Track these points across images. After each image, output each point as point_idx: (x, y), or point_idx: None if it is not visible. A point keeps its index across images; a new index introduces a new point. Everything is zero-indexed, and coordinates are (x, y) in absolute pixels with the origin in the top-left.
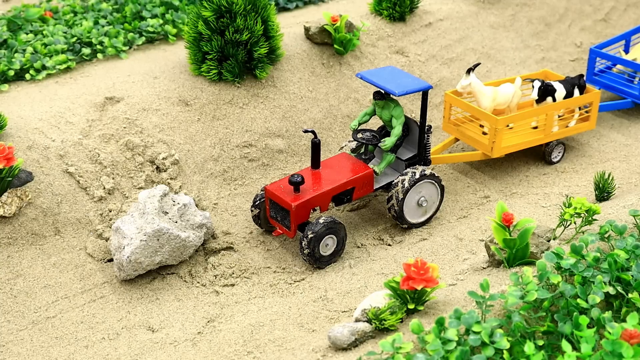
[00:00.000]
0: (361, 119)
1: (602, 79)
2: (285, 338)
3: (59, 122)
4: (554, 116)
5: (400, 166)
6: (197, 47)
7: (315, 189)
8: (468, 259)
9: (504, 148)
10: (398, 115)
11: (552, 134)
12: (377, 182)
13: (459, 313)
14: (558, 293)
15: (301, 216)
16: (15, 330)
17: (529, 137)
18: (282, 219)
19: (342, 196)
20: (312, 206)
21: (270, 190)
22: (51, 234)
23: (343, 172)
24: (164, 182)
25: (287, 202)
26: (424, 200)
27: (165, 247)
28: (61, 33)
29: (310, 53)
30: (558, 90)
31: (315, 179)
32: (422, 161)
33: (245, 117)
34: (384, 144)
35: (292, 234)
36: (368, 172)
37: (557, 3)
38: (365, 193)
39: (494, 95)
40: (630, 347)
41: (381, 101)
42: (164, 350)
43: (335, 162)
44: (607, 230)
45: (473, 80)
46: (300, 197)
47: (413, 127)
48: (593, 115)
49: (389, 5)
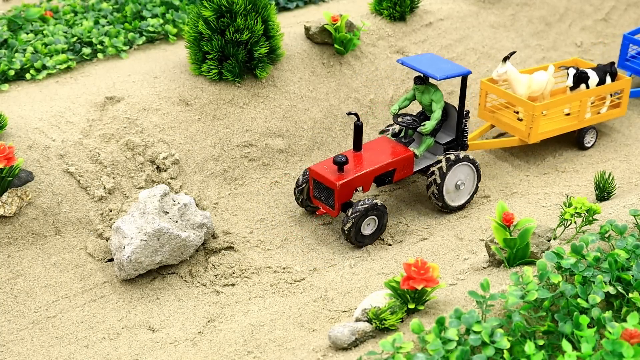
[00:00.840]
0: (401, 104)
1: (634, 65)
2: (285, 338)
3: (59, 122)
4: (587, 103)
5: (438, 150)
6: (198, 46)
7: (358, 170)
8: (468, 259)
9: (541, 134)
10: (438, 99)
11: (585, 120)
12: (416, 164)
13: (460, 313)
14: (558, 293)
15: (345, 195)
16: (16, 330)
17: (562, 124)
18: (325, 198)
19: (383, 177)
20: (355, 186)
21: (315, 170)
22: (51, 234)
23: (384, 154)
24: (165, 182)
25: (331, 182)
26: (461, 183)
27: (165, 246)
28: (61, 33)
29: (310, 53)
30: (591, 77)
31: (357, 160)
32: (459, 145)
33: (246, 117)
34: (424, 128)
35: (335, 212)
36: (408, 155)
37: (558, 3)
38: (405, 175)
39: (529, 83)
40: (631, 347)
41: (422, 86)
42: (165, 350)
43: (376, 144)
44: (607, 230)
45: (509, 68)
46: (344, 176)
47: (451, 112)
48: (624, 102)
49: (389, 5)
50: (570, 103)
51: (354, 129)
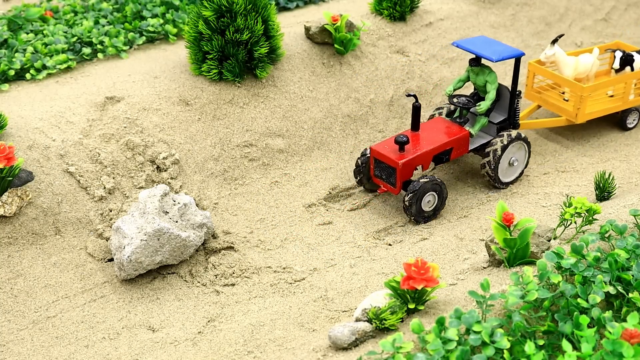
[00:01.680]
0: (455, 85)
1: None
2: (285, 338)
3: (59, 122)
4: (632, 85)
5: (491, 129)
6: (198, 46)
7: (418, 149)
8: (468, 259)
9: (587, 114)
10: (493, 80)
11: (629, 102)
12: (471, 143)
13: (460, 313)
14: (558, 293)
15: (406, 174)
16: (16, 330)
17: (607, 105)
18: (387, 176)
19: (441, 156)
20: (416, 164)
21: (376, 149)
22: (51, 234)
23: (441, 134)
24: (165, 182)
25: (393, 160)
26: (515, 160)
27: (165, 246)
28: (62, 33)
29: (310, 53)
30: (637, 60)
31: (416, 140)
32: (511, 124)
33: (246, 117)
34: (480, 108)
35: (397, 190)
36: (464, 134)
37: (558, 3)
38: (461, 153)
39: (576, 65)
40: (631, 347)
41: (477, 67)
42: (165, 349)
43: (432, 125)
44: (607, 230)
45: (557, 50)
46: (405, 155)
47: (504, 92)
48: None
49: (389, 4)
50: (615, 85)
51: (412, 109)
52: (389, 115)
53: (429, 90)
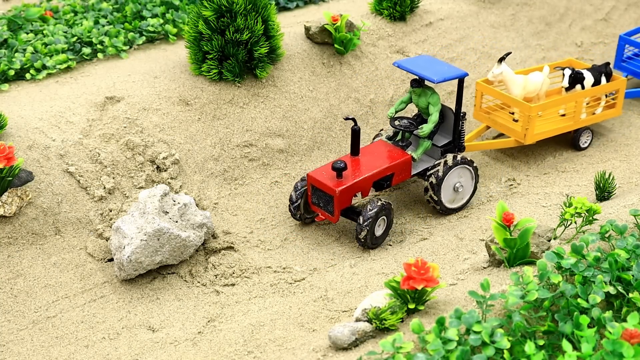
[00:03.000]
0: (397, 107)
1: (631, 66)
2: (285, 338)
3: (59, 122)
4: (583, 103)
5: (435, 153)
6: (198, 46)
7: (357, 175)
8: (468, 259)
9: (536, 135)
10: (435, 102)
11: (580, 121)
12: (414, 168)
13: (460, 313)
14: (558, 293)
15: (344, 201)
16: (16, 330)
17: (558, 124)
18: (325, 204)
19: (382, 182)
20: (355, 191)
21: (313, 176)
22: (51, 234)
23: (382, 158)
24: (165, 182)
25: (331, 188)
26: (460, 186)
27: (165, 246)
28: (61, 33)
29: (310, 53)
30: (587, 78)
31: (356, 165)
32: (456, 147)
33: (246, 117)
34: (422, 131)
35: (335, 219)
36: (406, 158)
37: (558, 3)
38: (403, 179)
39: (525, 84)
40: (631, 347)
41: (418, 89)
42: (165, 350)
43: (373, 149)
44: (607, 230)
45: (505, 69)
46: (343, 182)
47: (448, 114)
48: (619, 102)
49: (389, 4)
50: (565, 104)
51: (351, 133)
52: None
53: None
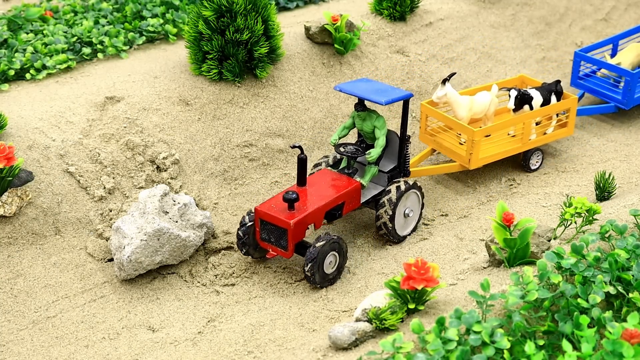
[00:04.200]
0: (340, 133)
1: (587, 83)
2: (285, 338)
3: (59, 122)
4: (532, 124)
5: (381, 179)
6: (198, 46)
7: (309, 206)
8: (468, 259)
9: (482, 159)
10: (381, 125)
11: (530, 142)
12: (363, 195)
13: (460, 313)
14: (558, 293)
15: (298, 234)
16: (16, 330)
17: (507, 147)
18: (277, 239)
19: (333, 212)
20: (308, 223)
21: (262, 210)
22: (51, 234)
23: (331, 187)
24: (165, 182)
25: (284, 221)
26: (410, 211)
27: (165, 246)
28: (61, 33)
29: (310, 53)
30: (535, 97)
31: (305, 196)
32: (402, 172)
33: (246, 117)
34: (370, 156)
35: (289, 254)
36: (356, 186)
37: (558, 3)
38: (353, 207)
39: (471, 105)
40: (631, 347)
41: (363, 112)
42: (165, 350)
43: (320, 178)
44: (607, 230)
45: (449, 90)
46: (297, 214)
47: (392, 137)
48: (571, 122)
49: (389, 4)
50: (513, 125)
51: (297, 162)
52: (389, 115)
53: (429, 90)
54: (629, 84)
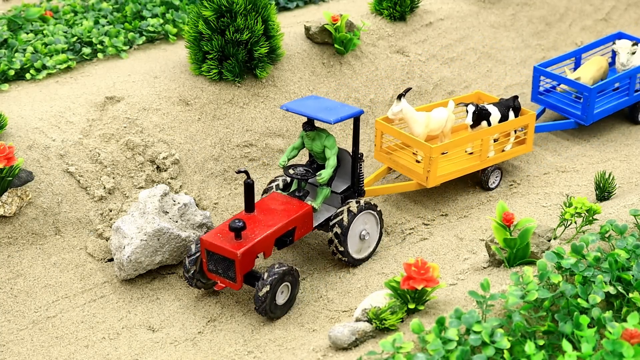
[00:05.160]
0: (289, 155)
1: (547, 98)
2: (285, 338)
3: (59, 122)
4: (490, 141)
5: (335, 200)
6: (198, 46)
7: (258, 233)
8: (468, 259)
9: (440, 177)
10: (331, 145)
11: (488, 160)
12: (315, 219)
13: (460, 313)
14: (558, 293)
15: (247, 265)
16: (16, 330)
17: (465, 164)
18: (224, 270)
19: (284, 238)
20: (257, 252)
21: (208, 240)
22: (51, 234)
23: (281, 212)
24: (165, 182)
25: (231, 251)
26: (366, 233)
27: (165, 246)
28: (61, 33)
29: (310, 53)
30: (493, 113)
31: (254, 223)
32: (356, 192)
33: (246, 117)
34: (321, 178)
35: (238, 285)
36: (307, 210)
37: (558, 2)
38: (306, 232)
39: (427, 121)
40: (631, 347)
41: (312, 132)
42: (165, 350)
43: (269, 202)
44: (607, 230)
45: (404, 106)
46: (244, 243)
47: (345, 157)
48: (529, 138)
49: (389, 4)
50: (471, 142)
51: (244, 188)
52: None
53: (429, 90)
54: (587, 100)
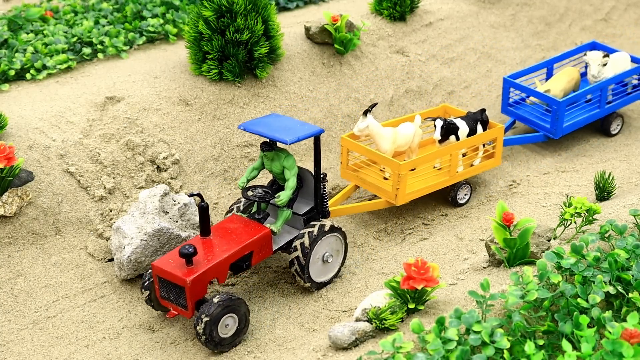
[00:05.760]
0: (249, 175)
1: (517, 110)
2: (285, 337)
3: (59, 122)
4: (459, 156)
5: (297, 222)
6: (198, 46)
7: (210, 259)
8: (468, 259)
9: (409, 194)
10: (290, 165)
11: (457, 175)
12: (275, 242)
13: (460, 312)
14: (558, 293)
15: (198, 292)
16: (16, 330)
17: (433, 180)
18: (175, 297)
19: (240, 263)
20: (209, 279)
21: (159, 266)
22: (52, 234)
23: (238, 236)
24: (165, 182)
25: (180, 278)
26: (329, 256)
27: (165, 246)
28: (62, 33)
29: (310, 53)
30: (461, 127)
31: (207, 247)
32: (320, 214)
33: (246, 117)
34: (279, 200)
35: (189, 313)
36: (265, 233)
37: (558, 3)
38: (265, 256)
39: (394, 137)
40: (631, 347)
41: (270, 152)
42: (165, 350)
43: (226, 226)
44: (607, 230)
45: (370, 122)
46: (195, 270)
47: (307, 177)
48: (498, 152)
49: (389, 4)
50: (440, 157)
51: (199, 211)
52: (389, 115)
53: (429, 90)
54: (556, 113)
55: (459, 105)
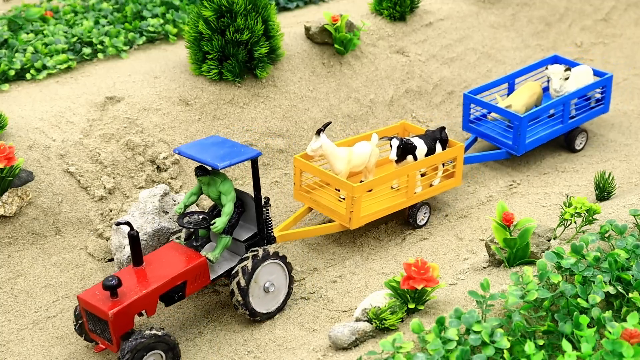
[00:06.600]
0: (187, 201)
1: (479, 127)
2: (285, 337)
3: (59, 122)
4: (417, 176)
5: (240, 248)
6: (198, 46)
7: (137, 291)
8: (468, 259)
9: (364, 217)
10: (227, 191)
11: (416, 196)
12: (213, 271)
13: (460, 312)
14: (558, 293)
15: (123, 326)
16: (16, 330)
17: (390, 202)
18: (101, 331)
19: (172, 294)
20: (136, 311)
21: (84, 298)
22: (52, 234)
23: (171, 265)
24: (165, 182)
25: (103, 311)
26: (271, 285)
27: None
28: (62, 33)
29: (310, 53)
30: (419, 146)
31: (137, 278)
32: (264, 240)
33: (246, 117)
34: (215, 227)
35: (115, 348)
36: (201, 262)
37: (558, 3)
38: (201, 286)
39: (349, 157)
40: (631, 347)
41: (205, 177)
42: None
43: (161, 254)
44: (607, 230)
45: (324, 141)
46: (119, 302)
47: (248, 201)
48: (458, 171)
49: (389, 4)
50: (397, 178)
51: (129, 240)
52: (389, 115)
53: (429, 90)
54: (518, 129)
55: (459, 105)
